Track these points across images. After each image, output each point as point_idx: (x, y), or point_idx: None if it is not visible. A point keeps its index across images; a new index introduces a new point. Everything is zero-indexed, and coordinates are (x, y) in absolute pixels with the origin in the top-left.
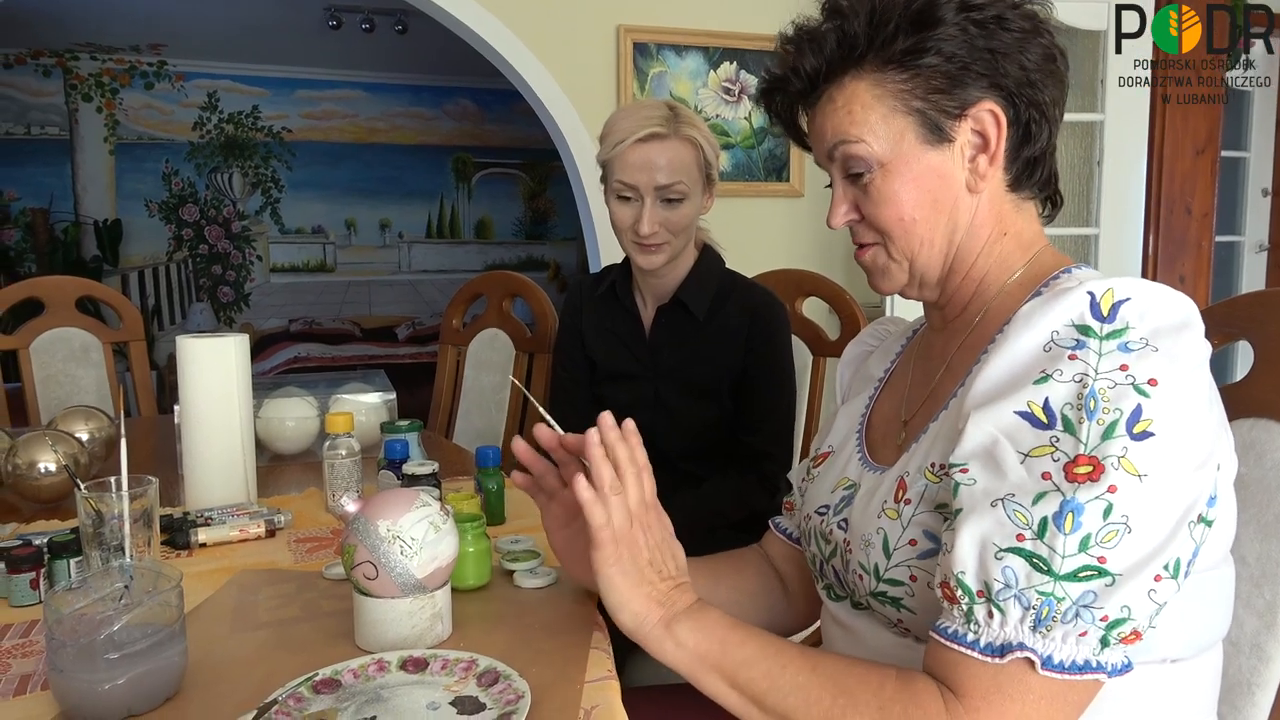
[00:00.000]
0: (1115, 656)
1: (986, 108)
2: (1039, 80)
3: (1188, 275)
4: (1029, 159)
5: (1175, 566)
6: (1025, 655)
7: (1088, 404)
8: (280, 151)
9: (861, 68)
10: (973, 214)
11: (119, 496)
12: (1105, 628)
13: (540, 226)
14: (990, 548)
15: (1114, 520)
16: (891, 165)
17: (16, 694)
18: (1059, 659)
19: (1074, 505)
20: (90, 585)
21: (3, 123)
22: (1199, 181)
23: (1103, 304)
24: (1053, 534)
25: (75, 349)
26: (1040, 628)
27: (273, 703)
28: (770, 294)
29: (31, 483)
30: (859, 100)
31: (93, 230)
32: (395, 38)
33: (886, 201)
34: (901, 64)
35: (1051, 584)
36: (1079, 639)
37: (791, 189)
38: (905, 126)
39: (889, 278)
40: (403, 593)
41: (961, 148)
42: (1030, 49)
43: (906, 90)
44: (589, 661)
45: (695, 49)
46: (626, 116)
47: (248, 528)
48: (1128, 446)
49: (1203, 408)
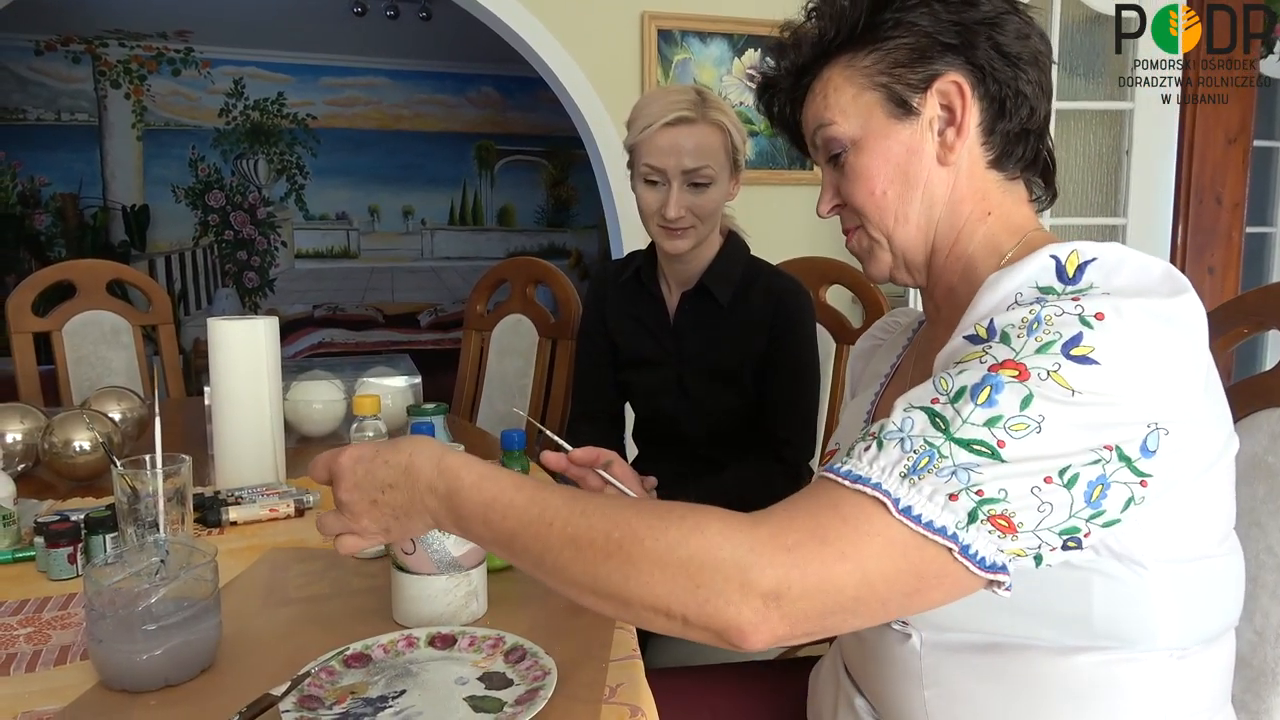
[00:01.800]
0: (980, 540)
1: (950, 79)
2: (1015, 57)
3: (1217, 266)
4: (1008, 134)
5: (1071, 480)
6: (880, 495)
7: (1030, 325)
8: (305, 138)
9: (837, 56)
10: (949, 189)
11: (154, 474)
12: (977, 501)
13: (562, 214)
14: (902, 404)
15: (1029, 414)
16: (862, 142)
17: (58, 663)
18: (918, 511)
19: (995, 381)
20: (127, 559)
21: (33, 109)
22: (1230, 171)
23: (1068, 265)
24: (965, 401)
25: (106, 331)
26: (912, 475)
27: (305, 675)
28: (795, 281)
29: (67, 460)
30: (832, 84)
31: (121, 216)
32: (419, 24)
33: (859, 178)
34: (869, 44)
35: (942, 440)
36: (947, 501)
37: (815, 177)
38: (873, 102)
39: (875, 260)
40: (438, 570)
41: (930, 121)
42: (1004, 26)
43: (871, 67)
44: (614, 641)
45: (719, 36)
46: (654, 101)
47: (277, 507)
48: (1060, 363)
49: (1156, 361)
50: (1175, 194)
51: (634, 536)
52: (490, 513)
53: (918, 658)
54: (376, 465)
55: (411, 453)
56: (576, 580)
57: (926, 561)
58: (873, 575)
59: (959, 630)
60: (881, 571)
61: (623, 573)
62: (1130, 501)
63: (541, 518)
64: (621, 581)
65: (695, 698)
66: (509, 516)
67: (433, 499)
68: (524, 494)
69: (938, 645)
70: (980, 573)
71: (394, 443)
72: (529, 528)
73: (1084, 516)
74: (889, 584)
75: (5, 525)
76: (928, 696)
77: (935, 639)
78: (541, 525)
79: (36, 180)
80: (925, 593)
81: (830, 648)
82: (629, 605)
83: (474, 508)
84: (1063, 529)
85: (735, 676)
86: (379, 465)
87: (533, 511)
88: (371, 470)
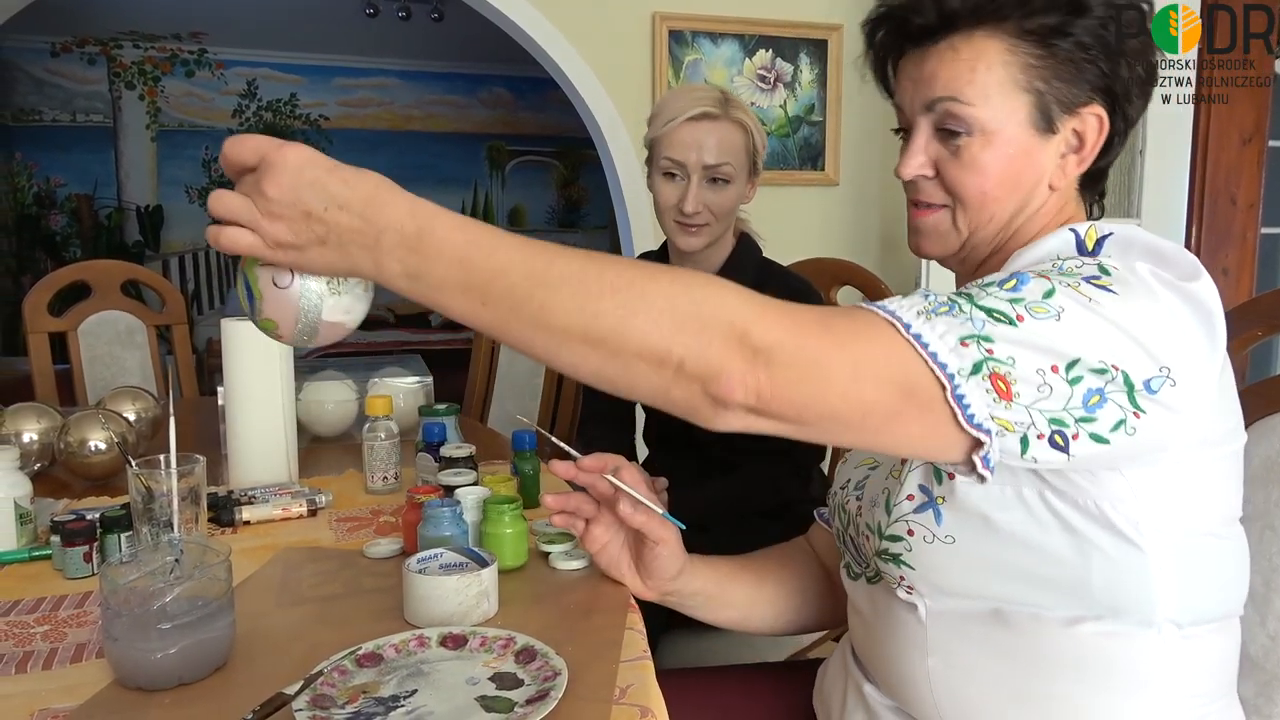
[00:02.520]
0: (975, 393)
1: (1095, 111)
2: (1135, 95)
3: (1231, 267)
4: (1100, 169)
5: (1075, 378)
6: (893, 319)
7: (1052, 270)
8: (317, 139)
9: (999, 27)
10: (1041, 205)
11: (168, 474)
12: (985, 355)
13: (573, 214)
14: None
15: (1050, 303)
16: (993, 137)
17: (73, 661)
18: (927, 339)
19: (1021, 276)
20: (142, 559)
21: (49, 110)
22: (1245, 171)
23: (1087, 239)
24: (991, 285)
25: (120, 331)
26: (929, 314)
27: (318, 674)
28: (806, 282)
29: (82, 460)
30: (985, 60)
31: (135, 216)
32: (431, 25)
33: (976, 170)
34: (1041, 39)
35: (965, 301)
36: (958, 345)
37: (826, 177)
38: (1020, 104)
39: (942, 242)
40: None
41: (1060, 143)
42: (1141, 61)
43: (1035, 67)
44: (624, 642)
45: (731, 37)
46: (679, 96)
47: (290, 507)
48: (1080, 283)
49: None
50: (1189, 195)
51: (650, 275)
52: (474, 250)
53: (923, 628)
54: (333, 179)
55: (378, 183)
56: (569, 319)
57: (918, 386)
58: (864, 373)
59: (963, 596)
60: (874, 373)
61: (629, 309)
62: (1120, 424)
63: (542, 254)
64: (622, 319)
65: (705, 698)
66: (498, 253)
67: (393, 236)
68: (516, 237)
69: (942, 614)
70: (966, 426)
71: (356, 168)
72: (523, 265)
73: (1076, 415)
74: (877, 389)
75: (22, 524)
76: (931, 665)
77: (940, 607)
78: (541, 262)
79: (52, 181)
80: (906, 418)
81: (838, 646)
82: (620, 350)
83: (450, 247)
84: (1053, 418)
85: (745, 677)
86: (336, 180)
87: (529, 249)
88: (324, 182)
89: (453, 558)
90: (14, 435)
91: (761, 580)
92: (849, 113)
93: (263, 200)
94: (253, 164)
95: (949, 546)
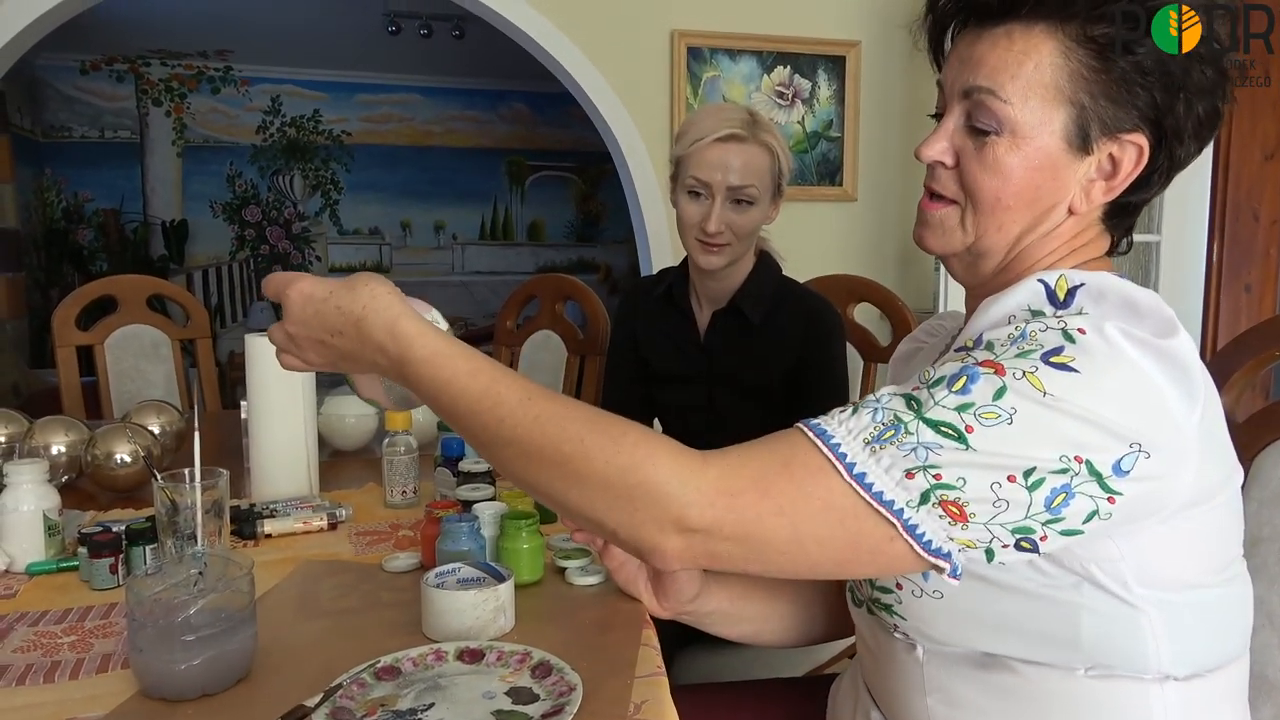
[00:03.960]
0: (929, 523)
1: (1137, 140)
2: (1189, 135)
3: (1254, 284)
4: (1131, 204)
5: (1035, 483)
6: (834, 457)
7: (1015, 338)
8: (339, 154)
9: (1062, 26)
10: (1056, 226)
11: (193, 487)
12: (933, 483)
13: (592, 229)
14: (889, 387)
15: (1000, 405)
16: (1023, 141)
17: (99, 671)
18: (871, 479)
19: (971, 372)
20: (167, 571)
21: (78, 127)
22: (1267, 187)
23: (1058, 290)
24: (940, 387)
25: (146, 345)
26: (875, 444)
27: (338, 687)
28: (825, 301)
29: (109, 472)
30: (1036, 58)
31: (160, 230)
32: (452, 42)
33: (996, 172)
34: (1099, 50)
35: (911, 418)
36: (903, 479)
37: (844, 193)
38: (1058, 114)
39: (945, 239)
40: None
41: (1091, 165)
42: (1204, 102)
43: (1085, 78)
44: (639, 657)
45: (749, 53)
46: (707, 116)
47: (311, 520)
48: (1038, 366)
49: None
50: (1210, 210)
51: (584, 454)
52: (441, 394)
53: (920, 667)
54: (327, 309)
55: (365, 305)
56: (518, 477)
57: (864, 534)
58: (805, 535)
59: (956, 645)
60: (815, 534)
61: (566, 483)
62: (1094, 515)
63: (494, 412)
64: (563, 490)
65: (720, 714)
66: (459, 400)
67: (383, 359)
68: (478, 383)
69: (938, 655)
70: (925, 554)
71: (350, 286)
72: (479, 418)
73: (1041, 520)
74: (821, 547)
75: (50, 536)
76: (930, 703)
77: (936, 650)
78: (492, 419)
79: (80, 196)
80: (857, 564)
81: (851, 664)
82: (565, 509)
83: (425, 383)
84: (1016, 527)
85: (760, 693)
86: (330, 310)
87: (485, 403)
88: (321, 313)
89: (470, 572)
90: (43, 448)
91: (775, 596)
92: (867, 129)
93: (289, 337)
94: (277, 302)
95: (937, 601)
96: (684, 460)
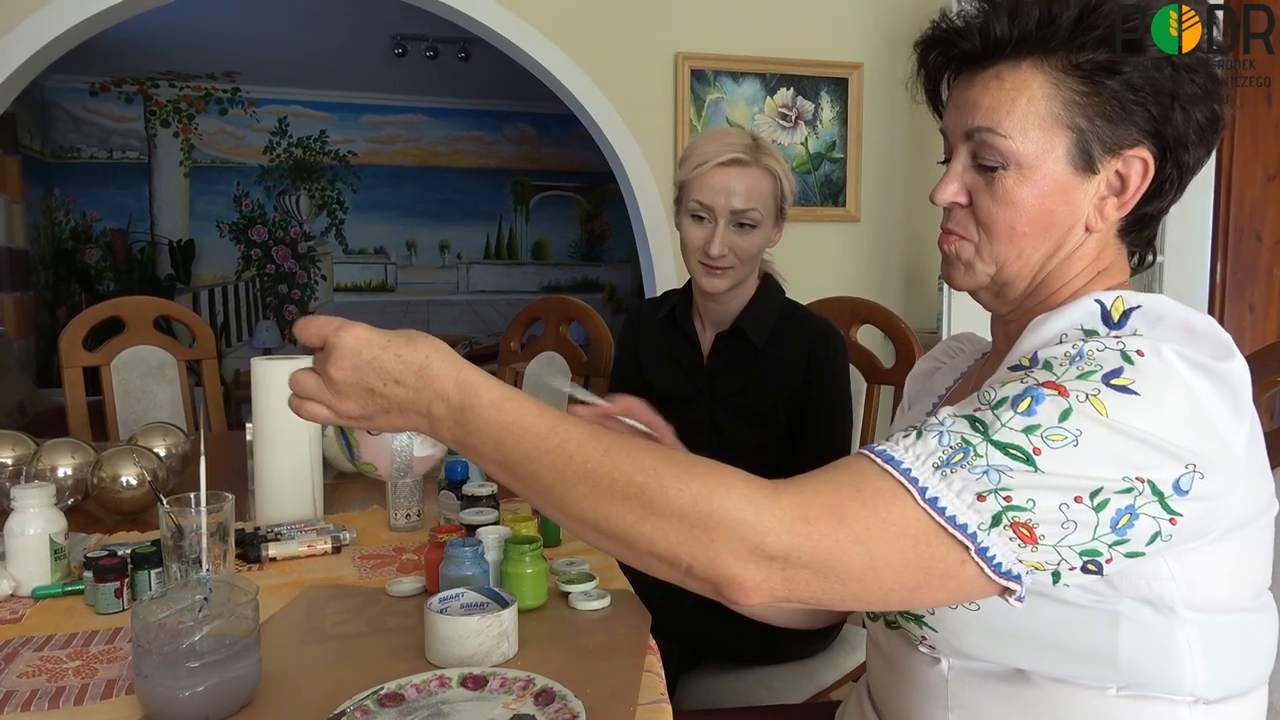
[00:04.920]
0: (1000, 545)
1: (1141, 154)
2: (1193, 142)
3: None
4: (1148, 215)
5: (1100, 504)
6: (907, 482)
7: (1073, 357)
8: (345, 174)
9: (1047, 59)
10: (1077, 247)
11: (198, 512)
12: (1004, 505)
13: (596, 248)
14: (947, 409)
15: (1066, 427)
16: (1029, 172)
17: (104, 697)
18: (944, 504)
19: (1036, 393)
20: (172, 596)
21: (87, 148)
22: (1270, 208)
23: (1113, 311)
24: (1005, 408)
25: (152, 366)
26: (945, 468)
27: (340, 714)
28: (829, 324)
29: (114, 495)
30: (1028, 92)
31: (167, 250)
32: (458, 64)
33: (1008, 204)
34: (1087, 75)
35: (979, 440)
36: (975, 501)
37: (848, 214)
38: (1059, 141)
39: (970, 275)
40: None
41: (1099, 184)
42: (1200, 108)
43: (1079, 104)
44: (642, 684)
45: (752, 75)
46: (711, 140)
47: (315, 543)
48: (1100, 389)
49: (1197, 405)
50: (1213, 231)
51: (657, 482)
52: (505, 435)
53: (945, 682)
54: (387, 356)
55: (429, 355)
56: (584, 516)
57: (937, 559)
58: (880, 562)
59: (985, 659)
60: (890, 561)
61: (637, 515)
62: (1156, 536)
63: (561, 448)
64: (634, 524)
65: None
66: (525, 441)
67: (442, 407)
68: (545, 422)
69: (965, 671)
70: (995, 577)
71: (408, 336)
72: (545, 456)
73: (1107, 542)
74: (895, 574)
75: (56, 560)
76: None
77: (963, 665)
78: (560, 456)
79: (88, 216)
80: (929, 589)
81: (855, 688)
82: (634, 548)
83: (489, 427)
84: (1084, 549)
85: (762, 719)
86: (390, 356)
87: (552, 440)
88: (380, 360)
89: (474, 598)
90: (49, 470)
91: None
92: (870, 150)
93: (332, 382)
94: (318, 345)
95: (973, 613)
96: (757, 488)
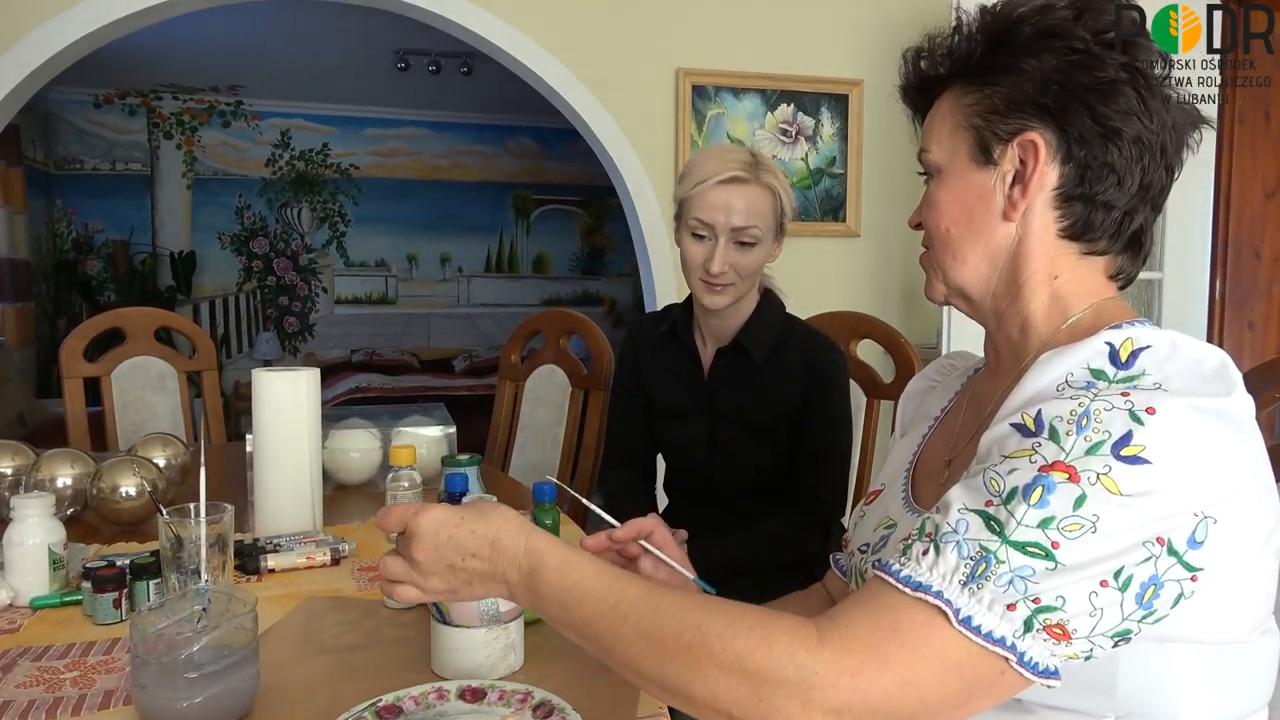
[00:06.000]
0: (1035, 647)
1: (1030, 137)
2: (1112, 130)
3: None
4: (1089, 205)
5: (1125, 582)
6: (941, 604)
7: (1079, 421)
8: (347, 187)
9: (954, 83)
10: (1013, 243)
11: (197, 522)
12: (1034, 609)
13: (596, 262)
14: (956, 504)
15: (1082, 515)
16: (944, 175)
17: (101, 708)
18: (978, 622)
19: (1047, 482)
20: (170, 607)
21: (90, 159)
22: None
23: (1121, 351)
24: (1017, 502)
25: (152, 377)
26: (971, 584)
27: None
28: (829, 340)
29: (113, 506)
30: (940, 112)
31: (169, 261)
32: (460, 79)
33: (933, 208)
34: (977, 82)
35: (998, 544)
36: (1005, 611)
37: (848, 229)
38: (962, 141)
39: (930, 284)
40: (481, 623)
41: (1004, 174)
42: (1113, 98)
43: (971, 106)
44: (640, 698)
45: (753, 91)
46: (711, 158)
47: (314, 555)
48: (1111, 465)
49: (1206, 453)
50: (1212, 248)
51: (703, 641)
52: (568, 597)
53: None
54: (462, 533)
55: (500, 527)
56: (644, 673)
57: (979, 676)
58: (930, 698)
59: None
60: (939, 694)
61: (689, 674)
62: (1180, 598)
63: (617, 609)
64: (688, 681)
65: None
66: (585, 604)
67: (515, 574)
68: (602, 583)
69: None
70: (1034, 678)
71: (480, 512)
72: (604, 617)
73: (1135, 618)
74: (942, 701)
75: (55, 570)
76: None
77: None
78: (616, 617)
79: (90, 227)
80: (972, 705)
81: None
82: (692, 702)
83: (554, 590)
84: (1115, 632)
85: None
86: (465, 533)
87: (609, 602)
88: (456, 538)
89: None
90: (49, 480)
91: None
92: (870, 165)
93: (416, 564)
94: (400, 531)
95: None
96: (799, 640)
